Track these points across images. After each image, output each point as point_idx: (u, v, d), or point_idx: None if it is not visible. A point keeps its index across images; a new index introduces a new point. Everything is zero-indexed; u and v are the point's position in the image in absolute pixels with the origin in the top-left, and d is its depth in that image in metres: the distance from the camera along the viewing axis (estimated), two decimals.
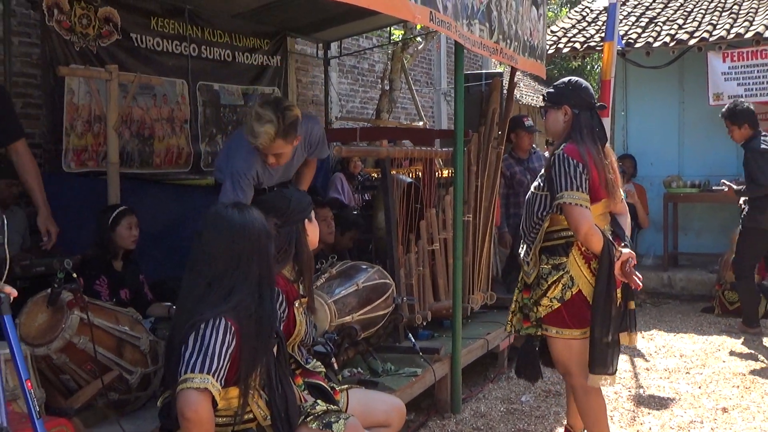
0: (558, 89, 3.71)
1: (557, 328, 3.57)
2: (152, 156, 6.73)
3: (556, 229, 3.55)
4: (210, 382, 2.40)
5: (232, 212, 2.68)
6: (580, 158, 3.46)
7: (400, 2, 3.51)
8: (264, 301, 2.63)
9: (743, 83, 8.63)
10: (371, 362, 4.29)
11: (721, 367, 5.69)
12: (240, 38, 7.65)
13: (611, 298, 3.43)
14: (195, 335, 2.46)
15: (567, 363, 3.61)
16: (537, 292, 3.58)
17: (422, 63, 13.23)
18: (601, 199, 3.52)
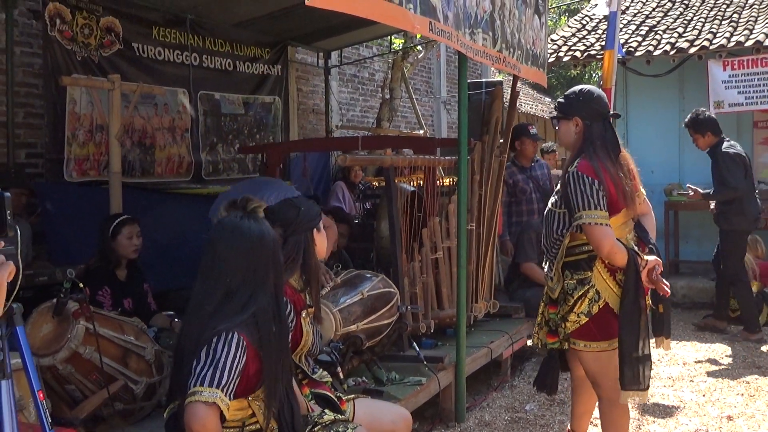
0: (569, 100, 3.62)
1: (585, 341, 3.49)
2: (153, 165, 6.74)
3: (577, 244, 3.48)
4: (219, 396, 2.38)
5: (249, 223, 2.65)
6: (595, 175, 3.38)
7: (399, 13, 3.50)
8: (281, 310, 2.61)
9: (744, 91, 8.65)
10: (376, 371, 4.28)
11: (725, 374, 5.67)
12: (241, 47, 7.67)
13: (639, 312, 3.37)
14: (207, 348, 2.44)
15: (596, 375, 3.57)
16: (564, 307, 3.52)
17: (422, 72, 13.26)
18: (620, 209, 3.45)
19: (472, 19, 4.40)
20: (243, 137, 7.79)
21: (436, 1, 3.87)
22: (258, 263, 2.58)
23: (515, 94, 6.05)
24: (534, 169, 6.80)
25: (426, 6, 3.75)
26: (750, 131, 9.44)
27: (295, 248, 3.17)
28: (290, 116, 8.62)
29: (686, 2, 10.85)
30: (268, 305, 2.56)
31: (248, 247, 2.58)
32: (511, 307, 6.11)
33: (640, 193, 3.60)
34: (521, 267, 6.24)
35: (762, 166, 9.32)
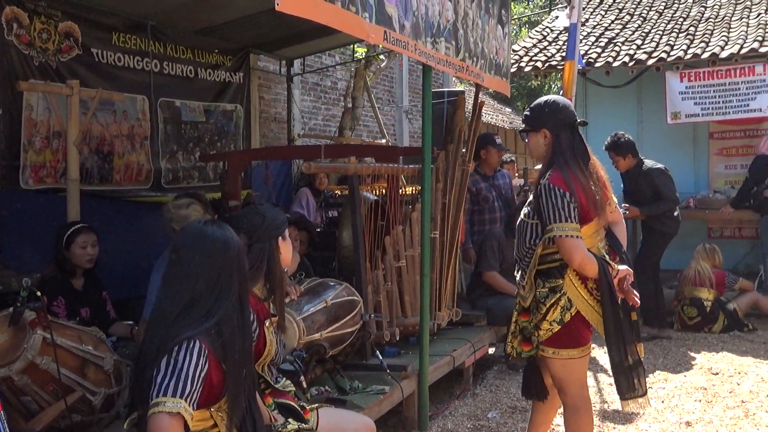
0: (535, 112, 3.63)
1: (554, 348, 3.52)
2: (112, 173, 6.64)
3: (549, 252, 3.50)
4: (182, 406, 2.33)
5: (213, 229, 2.61)
6: (566, 187, 3.40)
7: (355, 21, 3.52)
8: (246, 319, 2.57)
9: (700, 102, 8.82)
10: (339, 380, 4.25)
11: (683, 381, 5.75)
12: (203, 54, 7.61)
13: (620, 320, 3.41)
14: (168, 358, 2.39)
15: (562, 382, 3.58)
16: (536, 315, 3.54)
17: (384, 81, 13.29)
18: (592, 218, 3.48)
19: (435, 28, 4.42)
20: (204, 145, 7.71)
21: (392, 10, 3.88)
22: (221, 269, 2.54)
23: (479, 104, 6.08)
24: (497, 178, 6.88)
25: (381, 15, 3.77)
26: (706, 142, 9.62)
27: (260, 256, 3.14)
28: (252, 124, 8.56)
29: (644, 15, 11.04)
30: (232, 313, 2.52)
31: (211, 252, 2.54)
32: (473, 315, 6.14)
33: (611, 201, 3.63)
34: (483, 275, 6.27)
35: (717, 176, 9.51)
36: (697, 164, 9.69)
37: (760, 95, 8.54)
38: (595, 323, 3.49)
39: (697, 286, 7.47)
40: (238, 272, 2.58)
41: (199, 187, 7.57)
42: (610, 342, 3.43)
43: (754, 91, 8.61)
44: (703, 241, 8.28)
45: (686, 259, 8.00)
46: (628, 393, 3.46)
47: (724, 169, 9.44)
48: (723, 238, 9.34)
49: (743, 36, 9.07)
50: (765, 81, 8.52)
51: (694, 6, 10.96)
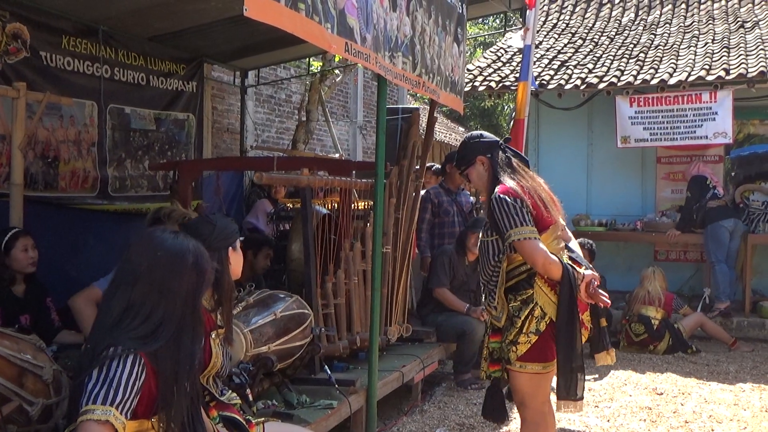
0: (463, 150, 3.80)
1: (521, 362, 3.53)
2: (57, 179, 6.48)
3: (514, 267, 3.55)
4: (112, 414, 2.25)
5: (165, 236, 2.50)
6: (515, 194, 3.49)
7: (318, 31, 3.50)
8: (182, 342, 2.44)
9: (649, 128, 8.99)
10: (286, 394, 4.18)
11: (628, 401, 5.81)
12: (155, 62, 7.50)
13: (574, 323, 3.45)
14: (100, 366, 2.31)
15: (525, 396, 3.60)
16: (512, 331, 3.54)
17: (339, 96, 13.29)
18: (548, 226, 3.54)
19: (393, 42, 4.42)
20: (154, 154, 7.58)
21: (354, 22, 3.87)
22: (163, 280, 2.43)
23: (433, 120, 6.10)
24: (459, 195, 6.97)
25: (343, 27, 3.75)
26: (653, 166, 9.83)
27: None
28: (204, 134, 8.46)
29: (596, 40, 11.24)
30: (174, 321, 2.43)
31: (154, 259, 2.44)
32: (423, 331, 6.12)
33: (560, 213, 3.68)
34: (434, 292, 6.27)
35: (663, 199, 9.70)
36: (644, 188, 9.89)
37: (707, 122, 8.74)
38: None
39: (646, 305, 7.58)
40: (185, 291, 2.46)
41: (149, 196, 7.45)
42: (560, 342, 3.45)
43: (700, 119, 8.80)
44: (649, 264, 8.42)
45: (632, 281, 8.12)
46: (567, 395, 3.50)
47: (671, 193, 9.64)
48: (669, 260, 9.52)
49: (691, 64, 9.29)
50: (711, 108, 8.72)
51: (644, 33, 11.21)
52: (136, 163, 7.39)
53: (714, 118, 8.69)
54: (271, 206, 7.89)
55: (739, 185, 9.48)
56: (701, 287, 8.91)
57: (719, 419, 5.32)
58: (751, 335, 8.16)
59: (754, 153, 9.97)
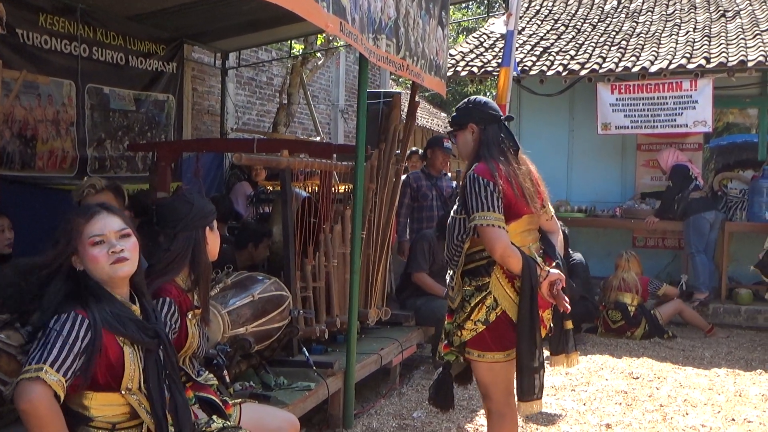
0: (460, 110, 3.62)
1: (479, 351, 3.41)
2: (35, 159, 6.41)
3: (476, 250, 3.41)
4: (44, 370, 2.27)
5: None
6: (490, 176, 3.33)
7: (315, 9, 3.47)
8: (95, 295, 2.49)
9: (629, 115, 9.02)
10: (264, 376, 4.18)
11: (604, 385, 5.85)
12: (134, 42, 7.42)
13: (535, 320, 3.33)
14: (43, 330, 2.37)
15: (487, 386, 3.48)
16: (460, 315, 3.42)
17: (321, 80, 13.23)
18: (522, 215, 3.40)
19: (376, 24, 4.39)
20: (133, 134, 7.52)
21: (346, 2, 3.84)
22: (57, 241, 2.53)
23: (414, 104, 6.08)
24: (440, 180, 6.97)
25: (338, 6, 3.72)
26: (633, 153, 9.87)
27: (185, 245, 3.06)
28: (184, 116, 8.39)
29: (578, 27, 11.26)
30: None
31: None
32: (401, 315, 6.13)
33: (547, 209, 3.55)
34: (413, 276, 6.28)
35: (643, 186, 9.75)
36: (624, 174, 9.94)
37: (687, 111, 8.79)
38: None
39: (622, 292, 7.62)
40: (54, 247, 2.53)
41: (128, 177, 7.39)
42: (522, 341, 3.34)
43: (681, 107, 8.85)
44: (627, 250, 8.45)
45: (610, 267, 8.17)
46: (527, 395, 3.40)
47: (650, 180, 9.69)
48: (647, 247, 9.58)
49: (672, 52, 9.33)
50: (691, 97, 8.77)
51: (627, 21, 11.23)
52: (116, 143, 7.32)
53: (694, 107, 8.74)
54: (251, 189, 7.85)
55: (717, 173, 9.57)
56: (678, 274, 9.00)
57: (694, 403, 5.38)
58: (727, 321, 8.25)
59: (732, 143, 10.06)
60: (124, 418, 2.51)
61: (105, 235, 2.51)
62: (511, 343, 3.41)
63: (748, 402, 5.45)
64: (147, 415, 2.51)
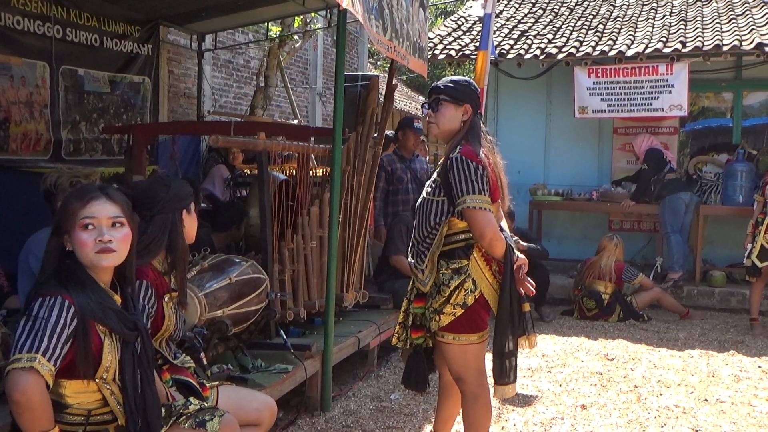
0: (461, 86, 3.52)
1: (454, 334, 3.40)
2: (8, 141, 6.33)
3: (453, 232, 3.40)
4: (38, 360, 2.24)
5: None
6: (479, 160, 3.32)
7: None
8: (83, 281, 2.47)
9: (606, 99, 9.06)
10: (241, 358, 4.18)
11: (580, 366, 5.92)
12: (109, 23, 7.32)
13: (514, 304, 3.36)
14: (27, 316, 2.32)
15: (461, 369, 3.47)
16: (437, 299, 3.40)
17: (298, 62, 13.15)
18: (495, 201, 3.42)
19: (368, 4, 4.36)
20: (109, 117, 7.43)
21: None
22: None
23: (392, 87, 6.06)
24: (413, 162, 6.95)
25: None
26: (610, 137, 9.93)
27: (161, 228, 3.04)
28: (160, 98, 8.31)
29: (556, 11, 11.27)
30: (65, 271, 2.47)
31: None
32: (379, 298, 6.15)
33: (505, 201, 3.57)
34: (391, 259, 6.30)
35: (619, 170, 9.82)
36: (600, 158, 10.00)
37: (663, 95, 8.84)
38: (495, 307, 3.43)
39: (596, 280, 7.66)
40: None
41: (103, 160, 7.32)
42: (501, 326, 3.38)
43: (657, 91, 8.90)
44: (604, 233, 8.52)
45: (587, 250, 8.25)
46: (501, 379, 3.44)
47: (626, 164, 9.76)
48: (623, 230, 9.66)
49: (648, 36, 9.37)
50: (667, 81, 8.82)
51: (604, 5, 11.27)
52: (91, 126, 7.24)
53: (670, 91, 8.80)
54: (228, 172, 7.82)
55: (692, 157, 9.65)
56: (654, 256, 9.09)
57: (668, 384, 5.46)
58: (701, 304, 8.35)
59: (707, 126, 10.14)
60: (98, 405, 2.49)
61: (97, 219, 2.46)
62: (484, 324, 3.45)
63: (720, 382, 5.54)
64: (117, 406, 2.49)
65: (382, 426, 4.48)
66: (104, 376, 2.45)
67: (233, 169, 7.96)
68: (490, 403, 3.58)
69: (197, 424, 2.66)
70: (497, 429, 4.48)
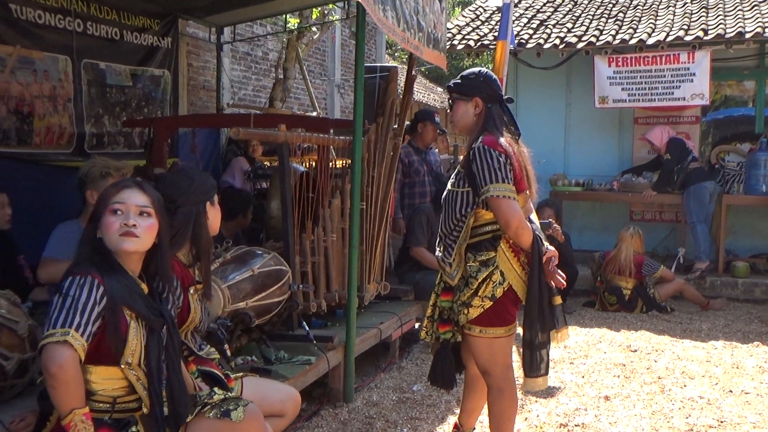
0: (468, 80, 3.51)
1: (481, 327, 3.38)
2: (32, 135, 6.38)
3: (480, 224, 3.37)
4: (71, 334, 2.32)
5: None
6: (502, 149, 3.29)
7: None
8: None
9: (627, 88, 8.98)
10: (264, 350, 4.19)
11: (602, 357, 5.89)
12: (129, 16, 7.36)
13: (543, 296, 3.33)
14: (59, 294, 2.41)
15: (487, 362, 3.45)
16: (466, 292, 3.37)
17: (316, 54, 13.14)
18: (521, 191, 3.39)
19: None
20: (131, 110, 7.48)
21: None
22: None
23: (411, 78, 6.05)
24: (428, 154, 6.92)
25: None
26: (631, 127, 9.85)
27: (185, 220, 3.06)
28: (180, 91, 8.34)
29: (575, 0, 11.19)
30: None
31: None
32: (400, 289, 6.14)
33: (532, 192, 3.54)
34: (411, 251, 6.29)
35: (640, 160, 9.73)
36: (621, 148, 9.92)
37: (684, 84, 8.75)
38: (524, 298, 3.40)
39: (617, 275, 7.60)
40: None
41: (125, 153, 7.36)
42: (530, 318, 3.36)
43: (678, 79, 8.81)
44: (625, 224, 8.45)
45: (608, 241, 8.19)
46: (532, 371, 3.42)
47: (647, 154, 9.67)
48: (644, 221, 9.60)
49: (669, 24, 9.28)
50: (689, 69, 8.73)
51: None
52: (114, 119, 7.28)
53: (692, 80, 8.71)
54: (247, 165, 7.84)
55: (715, 147, 9.56)
56: (676, 247, 9.01)
57: (691, 375, 5.42)
58: (725, 294, 8.26)
59: (729, 116, 10.04)
60: (124, 392, 2.53)
61: (125, 205, 2.56)
62: (512, 317, 3.43)
63: (744, 374, 5.49)
64: (143, 391, 2.52)
65: (404, 417, 4.48)
66: (129, 360, 2.48)
67: (253, 161, 7.97)
68: (516, 397, 3.57)
69: (222, 414, 2.67)
70: (521, 420, 4.46)
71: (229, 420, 2.66)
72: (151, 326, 2.55)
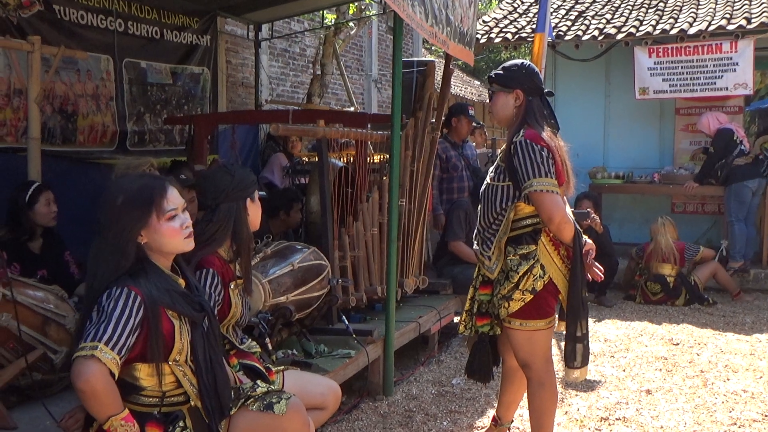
0: (510, 72, 3.49)
1: (521, 320, 3.38)
2: (76, 133, 6.51)
3: (520, 218, 3.36)
4: (99, 348, 2.28)
5: (123, 179, 2.61)
6: (544, 143, 3.28)
7: None
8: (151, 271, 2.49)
9: (668, 79, 8.86)
10: (305, 343, 4.24)
11: (644, 351, 5.84)
12: (168, 15, 7.46)
13: (584, 291, 3.34)
14: (97, 307, 2.37)
15: (527, 355, 3.45)
16: (507, 285, 3.36)
17: (354, 49, 13.18)
18: (560, 185, 3.33)
19: None
20: (171, 108, 7.59)
21: None
22: (113, 220, 2.46)
23: (449, 72, 6.04)
24: (465, 148, 6.88)
25: None
26: (672, 118, 9.71)
27: (227, 216, 3.11)
28: (219, 88, 8.45)
29: None
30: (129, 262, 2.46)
31: (106, 202, 2.49)
32: (439, 283, 6.15)
33: (570, 186, 3.51)
34: (449, 245, 6.29)
35: (682, 151, 9.61)
36: (662, 140, 9.79)
37: (727, 74, 8.61)
38: (564, 291, 3.39)
39: (660, 263, 7.54)
40: (126, 222, 2.46)
41: (166, 150, 7.47)
42: (573, 311, 3.36)
43: (720, 69, 8.68)
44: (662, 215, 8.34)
45: (647, 234, 8.08)
46: (572, 362, 3.43)
47: (689, 145, 9.54)
48: (686, 213, 9.47)
49: (711, 13, 9.13)
50: (731, 59, 8.58)
51: None
52: (155, 117, 7.40)
53: (734, 69, 8.57)
54: (286, 161, 7.90)
55: (759, 137, 9.38)
56: (718, 239, 8.86)
57: (735, 369, 5.35)
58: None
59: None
60: (173, 387, 2.56)
61: (177, 207, 2.54)
62: (551, 310, 3.44)
63: None
64: (190, 387, 2.55)
65: (444, 410, 4.50)
66: (177, 358, 2.51)
67: (291, 157, 8.04)
68: (556, 390, 3.57)
69: (265, 407, 2.70)
70: (561, 414, 4.45)
71: (272, 413, 2.68)
72: (193, 321, 2.57)
